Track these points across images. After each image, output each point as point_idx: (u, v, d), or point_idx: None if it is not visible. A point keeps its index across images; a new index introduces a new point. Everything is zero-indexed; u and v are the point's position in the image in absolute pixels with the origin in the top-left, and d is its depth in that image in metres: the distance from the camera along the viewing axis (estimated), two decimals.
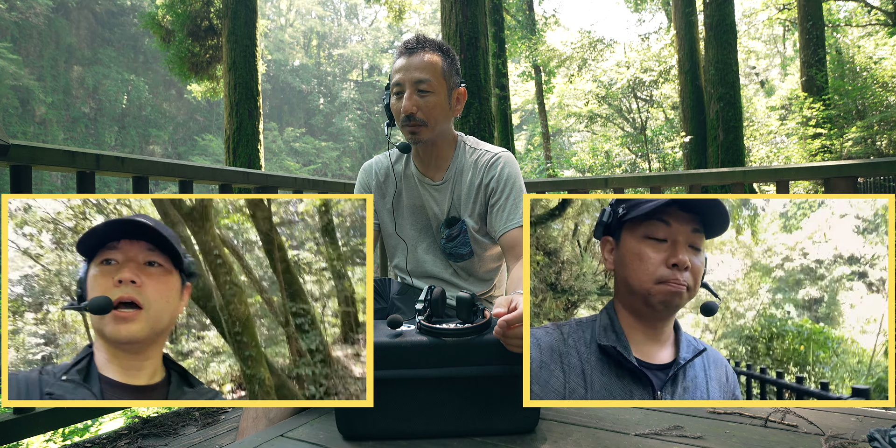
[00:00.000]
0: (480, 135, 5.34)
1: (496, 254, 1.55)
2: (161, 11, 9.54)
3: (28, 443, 2.49)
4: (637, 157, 13.66)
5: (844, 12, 17.21)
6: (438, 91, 1.40)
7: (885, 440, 0.89)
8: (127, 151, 30.53)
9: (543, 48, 15.45)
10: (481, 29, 5.61)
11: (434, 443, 0.99)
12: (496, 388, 1.00)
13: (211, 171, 2.14)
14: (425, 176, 1.52)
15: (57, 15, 29.45)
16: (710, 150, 9.46)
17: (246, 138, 7.63)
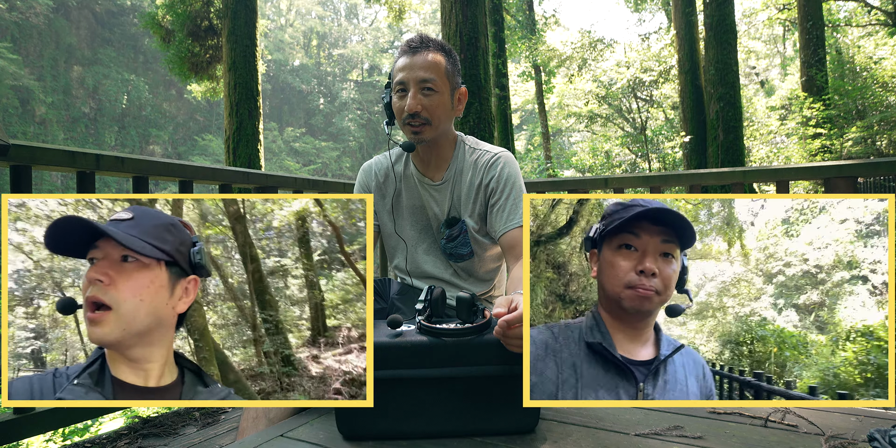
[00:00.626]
0: (480, 135, 5.34)
1: (496, 254, 1.55)
2: (161, 11, 9.54)
3: (28, 443, 2.49)
4: (637, 157, 13.67)
5: (844, 12, 17.21)
6: (442, 91, 1.40)
7: (885, 440, 0.89)
8: (127, 151, 30.53)
9: (543, 48, 15.45)
10: (481, 29, 5.61)
11: (434, 443, 0.99)
12: (496, 388, 1.00)
13: (211, 171, 2.14)
14: (425, 176, 1.52)
15: (57, 15, 29.45)
16: (710, 150, 9.46)
17: (246, 138, 7.63)
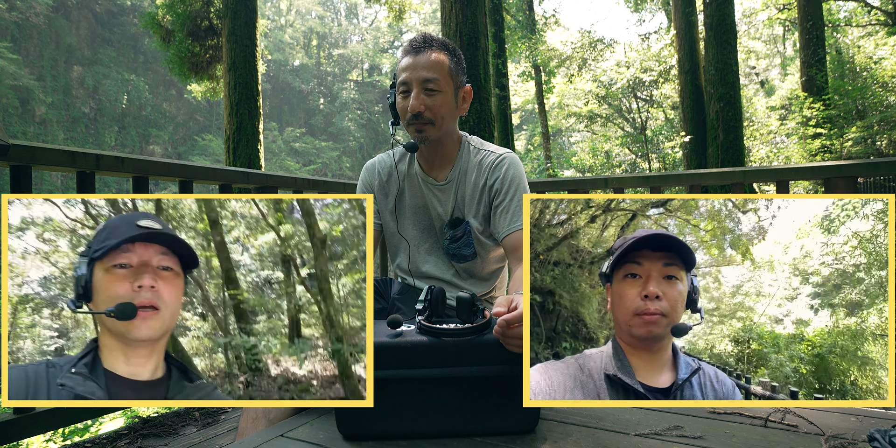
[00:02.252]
0: (480, 135, 5.34)
1: (499, 255, 1.55)
2: (161, 11, 9.54)
3: (28, 443, 2.49)
4: (637, 157, 13.67)
5: (844, 12, 17.21)
6: (446, 90, 1.39)
7: (885, 440, 0.89)
8: (127, 151, 30.53)
9: (543, 48, 15.45)
10: (481, 29, 5.61)
11: (434, 443, 0.99)
12: (496, 388, 1.00)
13: (211, 171, 2.14)
14: (429, 176, 1.51)
15: (57, 15, 29.45)
16: (710, 150, 9.46)
17: (246, 138, 7.63)
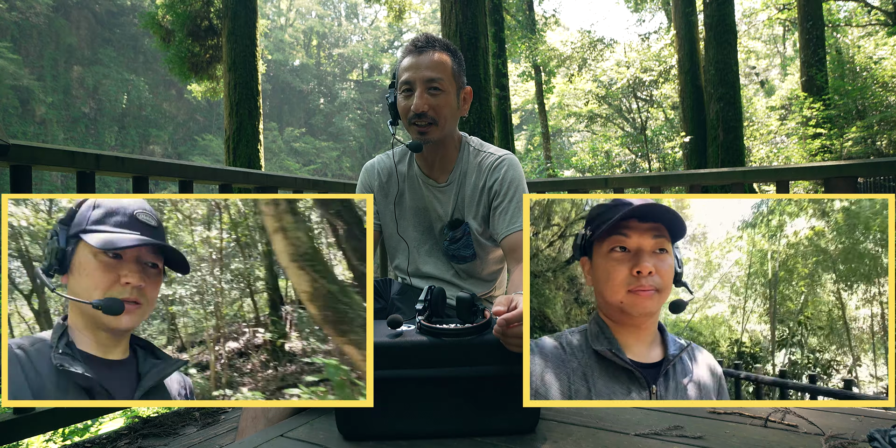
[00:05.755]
0: (480, 135, 5.34)
1: (499, 256, 1.55)
2: (161, 11, 9.53)
3: (28, 443, 2.49)
4: (637, 157, 13.66)
5: (844, 12, 17.21)
6: (449, 90, 1.39)
7: (885, 440, 0.89)
8: (127, 151, 30.50)
9: (543, 48, 15.44)
10: (481, 29, 5.61)
11: (434, 443, 0.99)
12: (496, 388, 1.00)
13: (211, 171, 2.14)
14: (429, 177, 1.51)
15: (57, 15, 29.45)
16: (710, 150, 9.45)
17: (246, 138, 7.63)
